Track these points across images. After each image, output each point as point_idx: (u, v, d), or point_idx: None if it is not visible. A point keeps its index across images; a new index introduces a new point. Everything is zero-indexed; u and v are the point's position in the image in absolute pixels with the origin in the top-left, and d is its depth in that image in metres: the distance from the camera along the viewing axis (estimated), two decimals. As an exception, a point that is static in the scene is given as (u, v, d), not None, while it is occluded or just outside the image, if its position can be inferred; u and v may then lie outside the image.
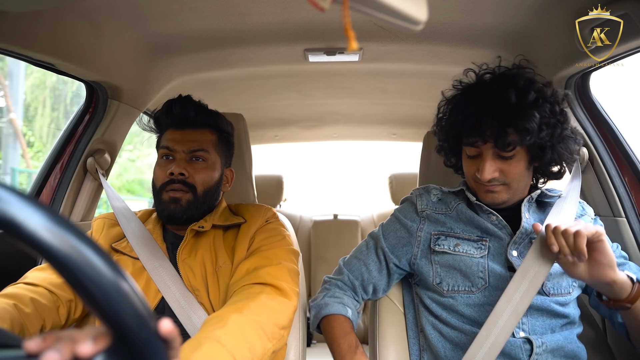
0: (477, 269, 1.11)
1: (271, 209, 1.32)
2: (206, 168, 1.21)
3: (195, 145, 1.20)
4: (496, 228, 1.14)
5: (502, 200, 1.12)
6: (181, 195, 1.16)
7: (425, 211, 1.23)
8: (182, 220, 1.18)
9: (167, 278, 1.13)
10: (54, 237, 0.37)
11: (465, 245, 1.14)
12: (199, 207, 1.20)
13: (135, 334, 0.40)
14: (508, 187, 1.10)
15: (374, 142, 3.44)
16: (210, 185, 1.22)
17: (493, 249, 1.13)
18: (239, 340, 0.86)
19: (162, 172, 1.19)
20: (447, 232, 1.18)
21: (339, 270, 1.30)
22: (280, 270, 1.10)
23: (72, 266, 0.37)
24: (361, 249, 1.29)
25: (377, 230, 1.30)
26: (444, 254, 1.15)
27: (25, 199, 0.37)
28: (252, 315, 0.94)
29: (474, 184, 1.15)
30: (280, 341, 0.99)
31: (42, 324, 0.98)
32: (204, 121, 1.24)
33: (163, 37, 1.41)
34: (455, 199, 1.23)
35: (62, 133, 1.53)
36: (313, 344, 2.58)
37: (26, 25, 1.07)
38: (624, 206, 1.36)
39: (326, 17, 1.29)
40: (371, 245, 1.28)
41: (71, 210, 1.54)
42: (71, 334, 0.42)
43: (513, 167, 1.07)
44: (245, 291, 1.03)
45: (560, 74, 1.35)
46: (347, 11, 0.41)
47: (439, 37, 1.42)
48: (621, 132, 1.40)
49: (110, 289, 0.38)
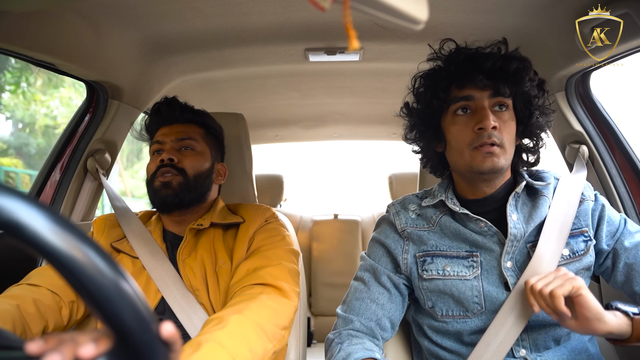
0: (471, 294, 1.02)
1: (270, 208, 1.32)
2: (195, 155, 1.23)
3: (183, 134, 1.24)
4: (485, 238, 1.03)
5: (501, 166, 0.99)
6: (171, 178, 1.17)
7: (405, 230, 1.10)
8: (174, 205, 1.18)
9: (167, 278, 1.13)
10: (57, 239, 0.37)
11: (455, 265, 1.03)
12: (190, 191, 1.20)
13: (137, 336, 0.40)
14: (504, 150, 0.99)
15: (374, 142, 3.44)
16: (200, 171, 1.23)
17: (485, 264, 1.03)
18: (239, 341, 0.86)
19: (154, 163, 1.21)
20: (432, 252, 1.06)
21: (343, 322, 1.08)
22: (281, 270, 1.10)
23: (74, 269, 0.37)
24: (358, 288, 1.11)
25: (365, 263, 1.14)
26: (433, 280, 1.05)
27: (27, 200, 0.37)
28: (253, 316, 0.94)
29: (471, 152, 1.00)
30: (281, 342, 0.99)
31: (44, 324, 0.98)
32: (190, 117, 1.29)
33: (163, 36, 1.41)
34: (435, 212, 1.10)
35: (63, 133, 1.53)
36: (313, 344, 2.58)
37: (27, 26, 1.07)
38: (624, 205, 1.37)
39: (326, 16, 1.29)
40: (369, 278, 1.11)
41: (71, 210, 1.55)
42: (73, 336, 0.42)
43: (507, 125, 1.01)
44: (246, 292, 1.03)
45: (560, 73, 1.36)
46: (348, 10, 0.41)
47: (439, 36, 1.42)
48: (621, 131, 1.40)
49: (112, 292, 0.38)
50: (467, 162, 1.01)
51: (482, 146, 0.98)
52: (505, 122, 1.00)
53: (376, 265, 1.11)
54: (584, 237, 1.04)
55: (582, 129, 1.42)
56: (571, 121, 1.44)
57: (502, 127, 0.99)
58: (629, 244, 1.03)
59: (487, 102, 1.00)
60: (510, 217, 1.02)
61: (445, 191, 1.10)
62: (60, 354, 0.39)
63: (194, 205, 1.23)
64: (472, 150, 1.00)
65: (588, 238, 1.04)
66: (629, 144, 1.39)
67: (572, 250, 1.03)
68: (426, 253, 1.07)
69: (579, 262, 1.02)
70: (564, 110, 1.44)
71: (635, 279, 1.00)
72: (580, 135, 1.43)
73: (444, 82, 1.04)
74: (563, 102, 1.44)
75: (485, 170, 0.99)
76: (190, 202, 1.21)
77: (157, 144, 1.24)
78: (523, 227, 1.02)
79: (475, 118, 1.00)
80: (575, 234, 1.04)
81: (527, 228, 1.02)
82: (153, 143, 1.26)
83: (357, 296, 1.10)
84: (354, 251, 2.85)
